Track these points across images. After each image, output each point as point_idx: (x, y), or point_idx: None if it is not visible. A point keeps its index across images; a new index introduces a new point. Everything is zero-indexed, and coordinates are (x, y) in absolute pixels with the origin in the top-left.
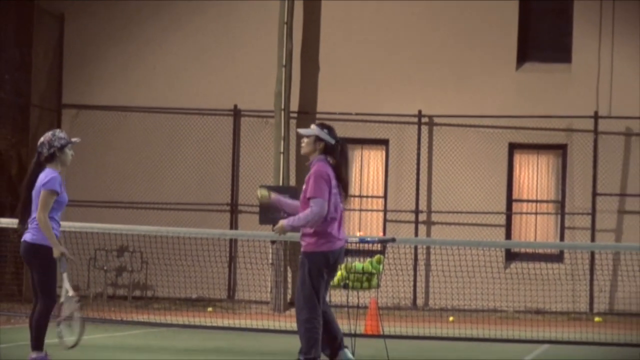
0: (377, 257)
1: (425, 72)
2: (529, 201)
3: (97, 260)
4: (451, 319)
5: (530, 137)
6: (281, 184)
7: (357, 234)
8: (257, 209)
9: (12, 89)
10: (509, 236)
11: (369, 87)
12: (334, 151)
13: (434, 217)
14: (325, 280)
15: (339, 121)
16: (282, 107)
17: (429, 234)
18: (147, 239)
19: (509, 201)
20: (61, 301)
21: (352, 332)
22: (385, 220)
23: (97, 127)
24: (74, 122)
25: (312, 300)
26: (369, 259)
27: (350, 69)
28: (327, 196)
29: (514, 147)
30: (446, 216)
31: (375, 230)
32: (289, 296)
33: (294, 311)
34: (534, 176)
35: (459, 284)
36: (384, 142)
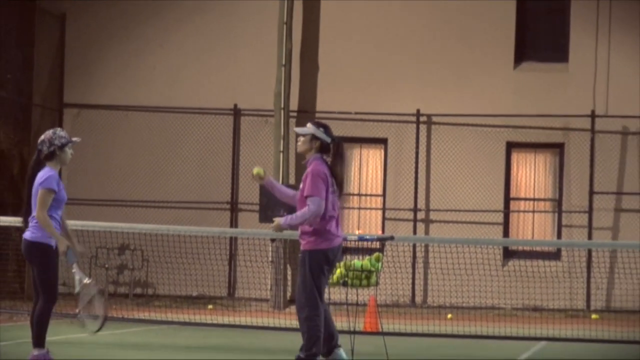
0: (376, 255)
1: (423, 71)
2: (526, 199)
3: (98, 258)
4: (449, 316)
5: (527, 136)
6: (281, 182)
7: (356, 232)
8: (257, 208)
9: (14, 89)
10: (506, 234)
11: (367, 86)
12: (330, 150)
13: (433, 215)
14: (326, 277)
15: (338, 120)
16: (282, 106)
17: (427, 232)
18: (148, 237)
19: (507, 199)
20: (76, 292)
21: (351, 329)
22: (384, 218)
23: (98, 126)
24: (76, 121)
25: (313, 297)
26: (368, 257)
27: (349, 69)
28: (324, 195)
29: (511, 146)
30: (444, 214)
31: (374, 228)
32: (289, 294)
33: (294, 309)
34: (532, 175)
35: (457, 281)
36: (382, 141)
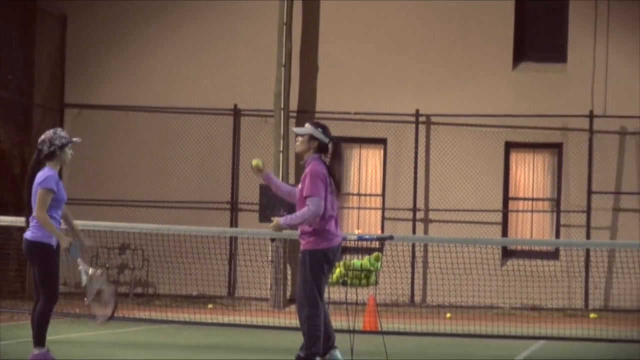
0: (375, 254)
1: (422, 72)
2: (525, 199)
3: (99, 257)
4: (448, 315)
5: (526, 136)
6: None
7: (356, 231)
8: (256, 208)
9: (15, 89)
10: (505, 234)
11: (367, 86)
12: (328, 150)
13: (432, 215)
14: (326, 276)
15: (338, 120)
16: (282, 106)
17: (426, 231)
18: (149, 237)
19: (506, 199)
20: (84, 285)
21: (351, 328)
22: (383, 218)
23: (99, 127)
24: (76, 121)
25: (313, 297)
26: (367, 257)
27: (348, 69)
28: (323, 195)
29: (510, 146)
30: (443, 214)
31: (373, 228)
32: (289, 293)
33: (294, 308)
34: (530, 174)
35: (456, 281)
36: (382, 141)
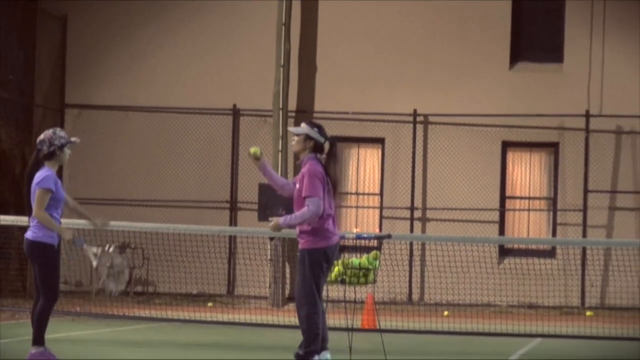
0: (373, 253)
1: (420, 72)
2: (521, 198)
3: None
4: (446, 313)
5: (523, 136)
6: None
7: (354, 230)
8: (255, 207)
9: (16, 89)
10: (502, 232)
11: (365, 86)
12: (324, 149)
13: (429, 214)
14: (324, 275)
15: (336, 120)
16: (280, 106)
17: (424, 230)
18: (149, 236)
19: (502, 198)
20: (95, 266)
21: (349, 326)
22: (381, 217)
23: (99, 127)
24: (77, 121)
25: (312, 295)
26: (365, 255)
27: (347, 69)
28: (322, 194)
29: (507, 145)
30: (441, 213)
31: (371, 226)
32: (287, 291)
33: (292, 306)
34: (527, 173)
35: (453, 279)
36: (380, 141)
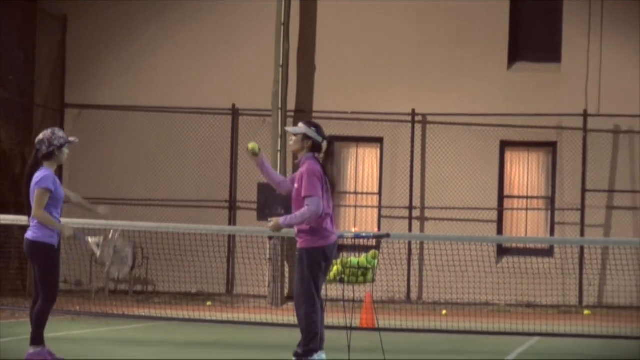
0: (372, 252)
1: (418, 71)
2: (519, 197)
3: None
4: (444, 312)
5: (521, 135)
6: None
7: (353, 229)
8: (255, 206)
9: (16, 89)
10: (500, 231)
11: (363, 86)
12: (322, 149)
13: (427, 213)
14: (323, 274)
15: (335, 120)
16: (279, 106)
17: (422, 229)
18: (148, 235)
19: (501, 197)
20: (98, 255)
21: (348, 325)
22: (379, 216)
23: (99, 126)
24: (77, 121)
25: (311, 294)
26: (364, 254)
27: (345, 69)
28: (321, 194)
29: (505, 145)
30: (439, 212)
31: (370, 226)
32: (286, 290)
33: (291, 305)
34: (525, 173)
35: (451, 278)
36: (378, 140)
